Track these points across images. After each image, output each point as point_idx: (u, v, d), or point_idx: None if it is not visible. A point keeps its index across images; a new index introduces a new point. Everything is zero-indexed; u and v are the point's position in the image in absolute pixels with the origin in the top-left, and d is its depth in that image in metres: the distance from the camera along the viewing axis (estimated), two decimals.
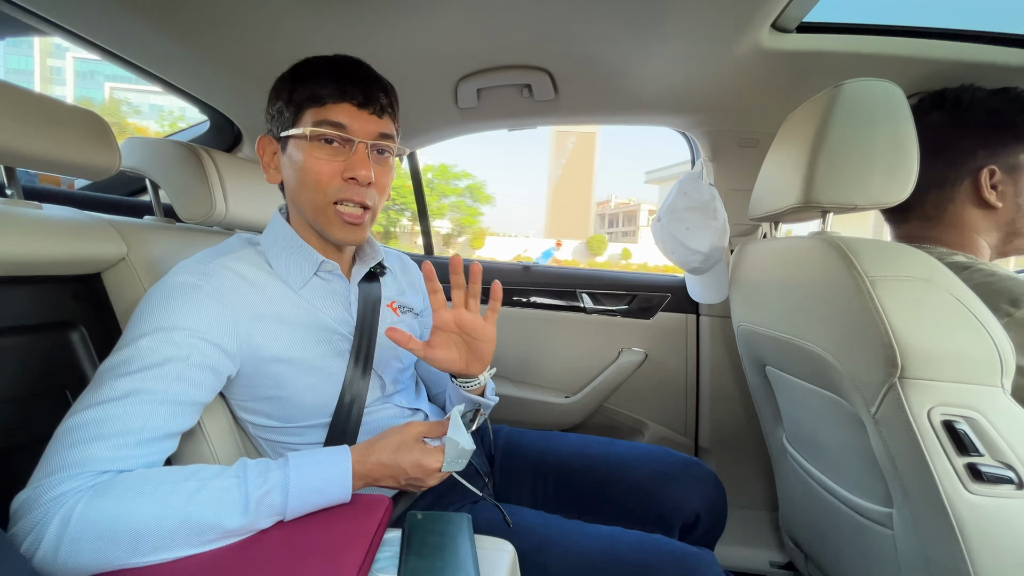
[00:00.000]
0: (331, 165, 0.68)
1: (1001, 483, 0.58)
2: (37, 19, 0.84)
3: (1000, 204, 0.78)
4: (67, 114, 0.65)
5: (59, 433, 0.51)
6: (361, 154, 0.69)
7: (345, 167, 0.68)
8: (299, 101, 0.68)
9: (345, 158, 0.68)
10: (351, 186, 0.69)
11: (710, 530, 0.89)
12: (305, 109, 0.68)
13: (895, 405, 0.62)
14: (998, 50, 0.89)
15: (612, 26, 0.89)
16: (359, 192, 0.69)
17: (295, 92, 0.69)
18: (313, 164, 0.68)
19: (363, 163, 0.68)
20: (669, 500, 0.85)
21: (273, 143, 0.73)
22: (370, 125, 0.69)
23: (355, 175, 0.68)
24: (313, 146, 0.68)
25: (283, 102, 0.70)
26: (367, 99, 0.68)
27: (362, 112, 0.68)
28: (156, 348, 0.57)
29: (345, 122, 0.67)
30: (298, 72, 0.70)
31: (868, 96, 0.71)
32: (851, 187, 0.71)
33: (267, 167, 0.75)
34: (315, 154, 0.68)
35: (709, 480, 0.91)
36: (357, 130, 0.68)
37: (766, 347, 0.95)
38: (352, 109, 0.68)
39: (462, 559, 0.54)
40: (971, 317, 0.59)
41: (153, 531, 0.48)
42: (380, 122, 0.70)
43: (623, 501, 0.86)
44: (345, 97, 0.67)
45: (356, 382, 0.73)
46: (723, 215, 1.19)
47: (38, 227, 0.63)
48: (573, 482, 0.89)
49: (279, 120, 0.71)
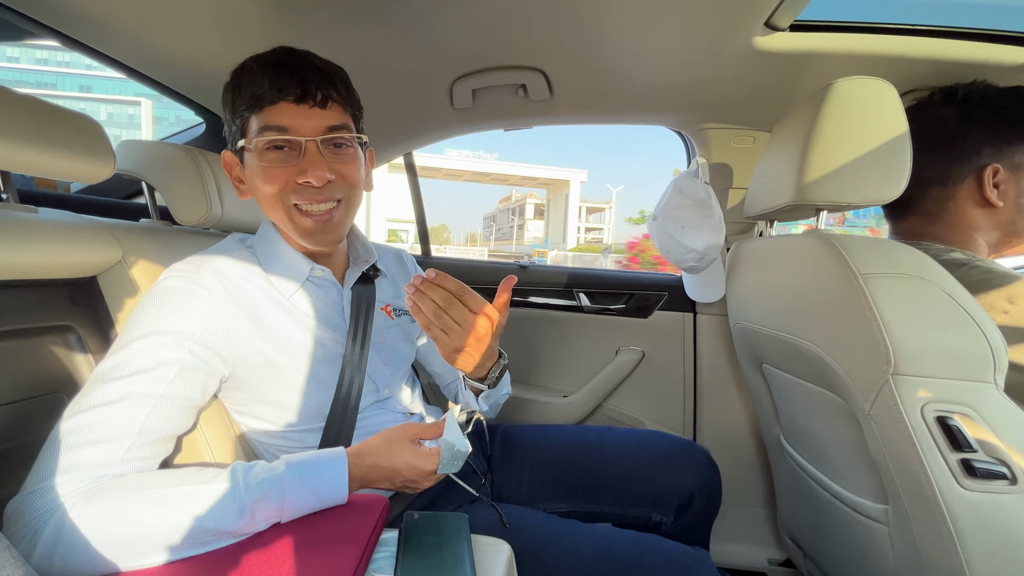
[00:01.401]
0: (283, 170, 0.65)
1: (994, 479, 0.58)
2: (34, 24, 0.84)
3: (1001, 203, 0.78)
4: (61, 118, 0.65)
5: (53, 437, 0.51)
6: (312, 154, 0.64)
7: (298, 171, 0.65)
8: (241, 110, 0.65)
9: (297, 160, 0.65)
10: (306, 189, 0.66)
11: (705, 509, 0.90)
12: (248, 117, 0.65)
13: (889, 402, 0.62)
14: (996, 48, 0.89)
15: (606, 26, 0.89)
16: (319, 193, 0.66)
17: (237, 99, 0.65)
18: (265, 174, 0.65)
19: (315, 164, 0.64)
20: (663, 480, 0.86)
21: (235, 158, 0.71)
22: (314, 120, 0.65)
23: (307, 179, 0.64)
24: (262, 156, 0.65)
25: (229, 113, 0.67)
26: (304, 92, 0.64)
27: (302, 107, 0.64)
28: (149, 352, 0.57)
29: (286, 123, 0.64)
30: (235, 77, 0.66)
31: (861, 93, 0.72)
32: (845, 185, 0.72)
33: (236, 185, 0.73)
34: (265, 163, 0.65)
35: (703, 459, 0.92)
36: (300, 128, 0.64)
37: (762, 345, 0.95)
38: (291, 107, 0.64)
39: (459, 559, 0.54)
40: (964, 314, 0.60)
41: (148, 535, 0.48)
42: (325, 114, 0.65)
43: (619, 483, 0.88)
44: (281, 95, 0.63)
45: (350, 386, 0.73)
46: (719, 213, 1.19)
47: (34, 231, 0.63)
48: (570, 469, 0.90)
49: (231, 133, 0.68)
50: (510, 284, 0.67)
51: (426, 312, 0.64)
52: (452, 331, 0.65)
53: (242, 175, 0.71)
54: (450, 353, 0.68)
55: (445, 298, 0.63)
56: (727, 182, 1.32)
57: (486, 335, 0.66)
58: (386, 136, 1.38)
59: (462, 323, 0.64)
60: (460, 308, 0.64)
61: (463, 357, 0.68)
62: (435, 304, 0.63)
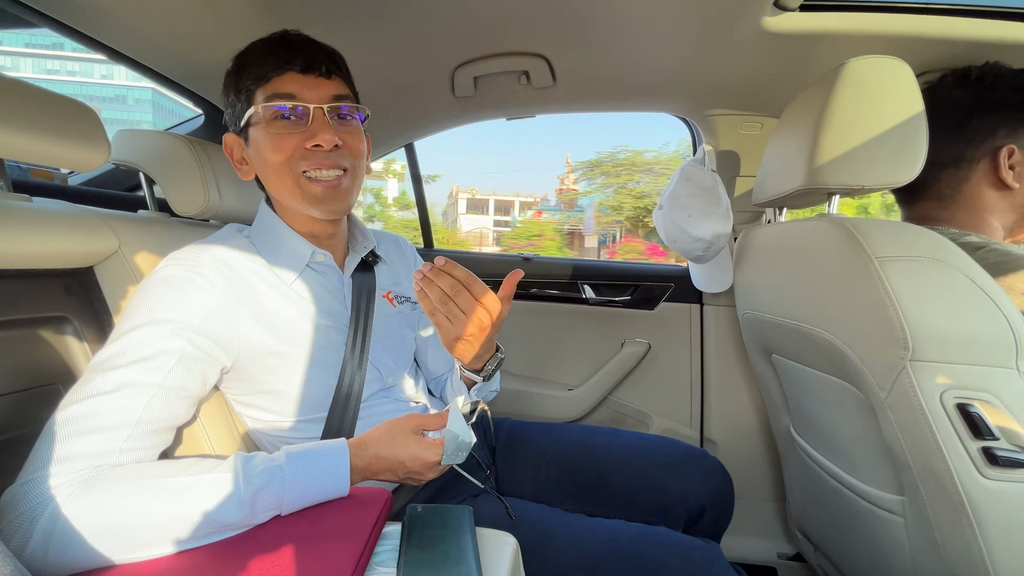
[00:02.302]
0: (292, 138, 0.66)
1: (1017, 467, 0.56)
2: (32, 12, 0.83)
3: (1017, 185, 0.76)
4: (55, 104, 0.64)
5: (49, 427, 0.50)
6: (319, 120, 0.66)
7: (306, 137, 0.66)
8: (246, 84, 0.67)
9: (304, 127, 0.67)
10: (316, 153, 0.67)
11: (716, 522, 0.87)
12: (253, 91, 0.67)
13: (906, 389, 0.60)
14: (1013, 26, 0.87)
15: (610, 9, 0.87)
16: (327, 157, 0.67)
17: (240, 79, 0.67)
18: (274, 141, 0.66)
19: (323, 128, 0.66)
20: (673, 491, 0.83)
21: (237, 139, 0.72)
22: (321, 89, 0.67)
23: (317, 141, 0.66)
24: (270, 125, 0.66)
25: (233, 93, 0.69)
26: (310, 63, 0.66)
27: (308, 77, 0.66)
28: (148, 340, 0.56)
29: (293, 91, 0.66)
30: (239, 61, 0.69)
31: (875, 73, 0.69)
32: (858, 167, 0.69)
33: (238, 166, 0.74)
34: (273, 131, 0.66)
35: (716, 471, 0.89)
36: (308, 96, 0.66)
37: (772, 334, 0.93)
38: (297, 76, 0.66)
39: (463, 552, 0.53)
40: (984, 297, 0.57)
41: (145, 526, 0.47)
42: (330, 83, 0.68)
43: (627, 491, 0.85)
44: (287, 66, 0.66)
45: (352, 375, 0.71)
46: (726, 201, 1.17)
47: (28, 220, 0.62)
48: (576, 473, 0.88)
49: (234, 113, 0.70)
50: (516, 278, 0.66)
51: (432, 298, 0.63)
52: (456, 319, 0.64)
53: (245, 155, 0.72)
54: (451, 341, 0.67)
55: (452, 285, 0.63)
56: (734, 170, 1.30)
57: (488, 325, 0.66)
58: (387, 126, 1.36)
59: (467, 311, 0.63)
60: (467, 296, 0.63)
61: (463, 346, 0.67)
62: (442, 291, 0.62)
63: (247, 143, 0.71)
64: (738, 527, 1.29)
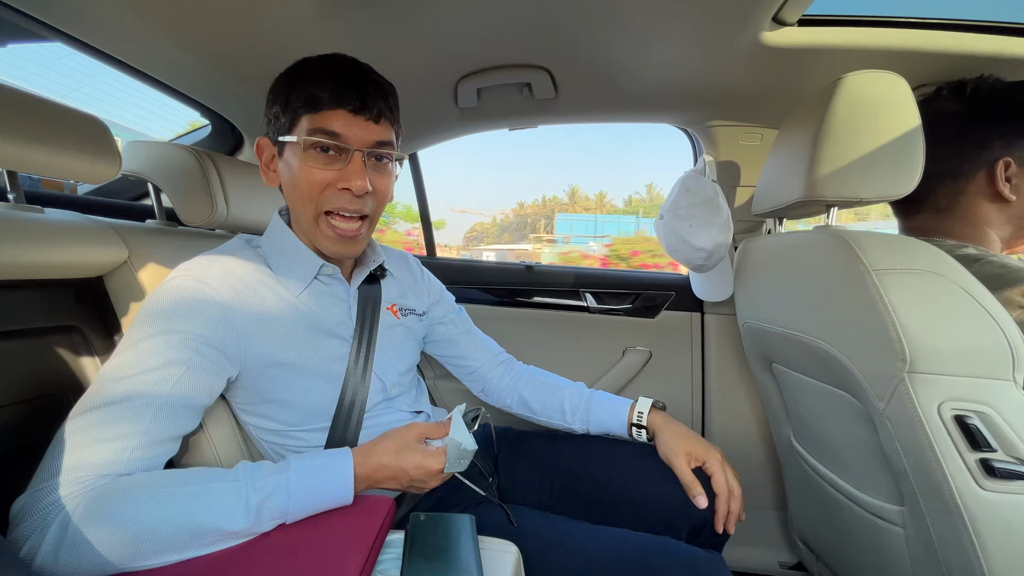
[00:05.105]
0: (325, 174, 0.67)
1: (1015, 479, 0.57)
2: (39, 25, 0.84)
3: (1014, 197, 0.76)
4: (68, 118, 0.65)
5: (59, 437, 0.51)
6: (357, 164, 0.67)
7: (339, 177, 0.67)
8: (295, 106, 0.66)
9: (341, 166, 0.67)
10: (344, 195, 0.68)
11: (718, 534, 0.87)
12: (301, 115, 0.66)
13: (904, 401, 0.61)
14: (1008, 40, 0.88)
15: (612, 23, 0.88)
16: (353, 202, 0.68)
17: (291, 96, 0.67)
18: (307, 173, 0.67)
19: (358, 173, 0.66)
20: (676, 502, 0.83)
21: (271, 146, 0.72)
22: (367, 133, 0.67)
23: (349, 186, 0.66)
24: (308, 154, 0.66)
25: (279, 106, 0.68)
26: (363, 104, 0.66)
27: (358, 119, 0.66)
28: (156, 351, 0.57)
29: (340, 131, 0.65)
30: (294, 74, 0.68)
31: (872, 87, 0.70)
32: (856, 180, 0.70)
33: (265, 170, 0.74)
34: (310, 163, 0.66)
35: None
36: (352, 138, 0.66)
37: (772, 344, 0.93)
38: (347, 116, 0.66)
39: (465, 560, 0.54)
40: (981, 310, 0.58)
41: (153, 535, 0.48)
42: (377, 128, 0.68)
43: (629, 503, 0.85)
44: (341, 103, 0.65)
45: (356, 385, 0.72)
46: (726, 211, 1.18)
47: (40, 231, 0.63)
48: (579, 484, 0.88)
49: (276, 124, 0.69)
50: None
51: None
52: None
53: (273, 164, 0.73)
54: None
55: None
56: (734, 180, 1.31)
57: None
58: None
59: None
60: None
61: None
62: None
63: (280, 154, 0.71)
64: (740, 536, 1.29)
